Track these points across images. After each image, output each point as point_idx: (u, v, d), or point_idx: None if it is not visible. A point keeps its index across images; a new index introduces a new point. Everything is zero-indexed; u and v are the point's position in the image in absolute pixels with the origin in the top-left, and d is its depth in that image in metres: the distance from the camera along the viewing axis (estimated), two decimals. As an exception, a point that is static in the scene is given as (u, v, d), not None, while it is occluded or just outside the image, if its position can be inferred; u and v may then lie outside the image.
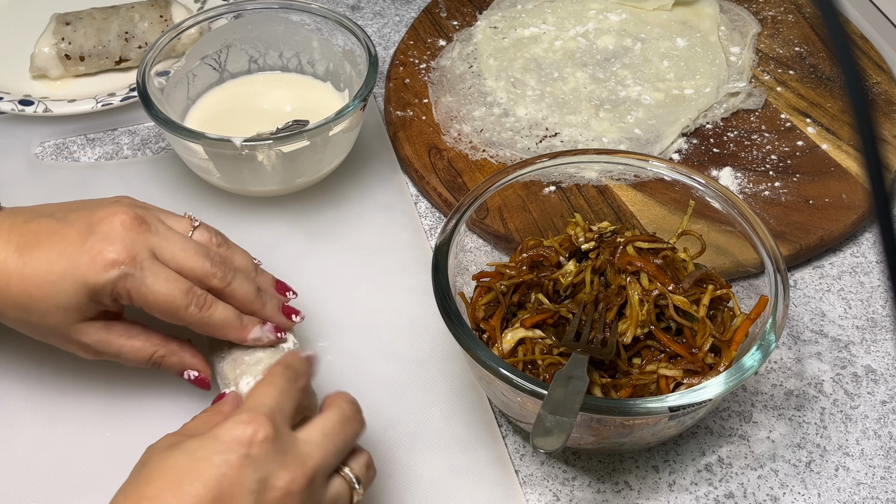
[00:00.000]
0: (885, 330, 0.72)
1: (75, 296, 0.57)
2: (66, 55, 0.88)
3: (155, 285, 0.57)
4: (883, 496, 0.63)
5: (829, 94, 0.88)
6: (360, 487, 0.53)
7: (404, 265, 0.76)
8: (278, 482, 0.48)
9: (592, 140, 0.83)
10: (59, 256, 0.57)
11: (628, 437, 0.60)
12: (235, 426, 0.49)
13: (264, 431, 0.49)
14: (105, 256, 0.57)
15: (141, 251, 0.58)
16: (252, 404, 0.51)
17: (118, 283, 0.57)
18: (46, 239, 0.58)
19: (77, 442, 0.65)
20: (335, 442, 0.52)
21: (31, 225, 0.59)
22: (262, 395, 0.52)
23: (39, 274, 0.57)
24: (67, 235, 0.58)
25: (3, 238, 0.58)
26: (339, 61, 0.84)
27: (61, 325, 0.58)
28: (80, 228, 0.58)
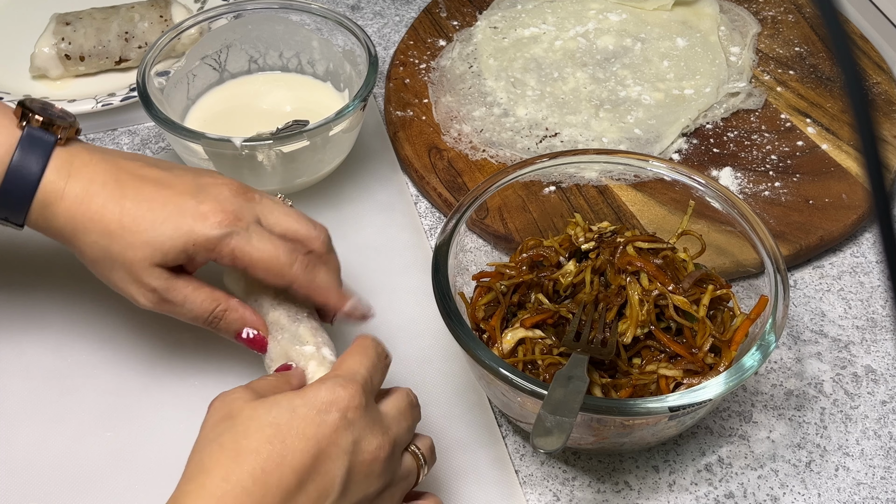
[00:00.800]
0: (885, 330, 0.72)
1: (171, 240, 0.57)
2: (66, 55, 0.88)
3: (260, 243, 0.59)
4: (883, 496, 0.63)
5: (829, 94, 0.88)
6: (426, 466, 0.56)
7: (404, 265, 0.76)
8: (369, 446, 0.51)
9: (592, 140, 0.83)
10: (166, 201, 0.58)
11: (628, 437, 0.60)
12: (334, 389, 0.51)
13: (358, 398, 0.51)
14: (216, 214, 0.58)
15: (248, 215, 0.59)
16: (347, 371, 0.53)
17: (224, 239, 0.58)
18: (152, 183, 0.59)
19: (77, 442, 0.65)
20: (408, 420, 0.55)
21: (132, 164, 0.60)
22: (356, 364, 0.54)
23: (141, 209, 0.57)
24: (174, 185, 0.59)
25: (98, 165, 0.59)
26: (339, 61, 0.84)
27: (139, 261, 0.58)
28: (187, 184, 0.59)
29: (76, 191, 0.58)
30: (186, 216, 0.58)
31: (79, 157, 0.59)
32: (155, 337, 0.70)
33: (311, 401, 0.50)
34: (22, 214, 0.59)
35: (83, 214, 0.58)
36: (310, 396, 0.50)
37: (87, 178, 0.58)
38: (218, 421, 0.51)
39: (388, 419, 0.53)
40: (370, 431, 0.51)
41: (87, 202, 0.58)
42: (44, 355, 0.69)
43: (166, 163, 0.62)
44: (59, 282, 0.74)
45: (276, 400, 0.50)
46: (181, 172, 0.61)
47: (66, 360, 0.69)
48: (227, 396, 0.52)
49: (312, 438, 0.49)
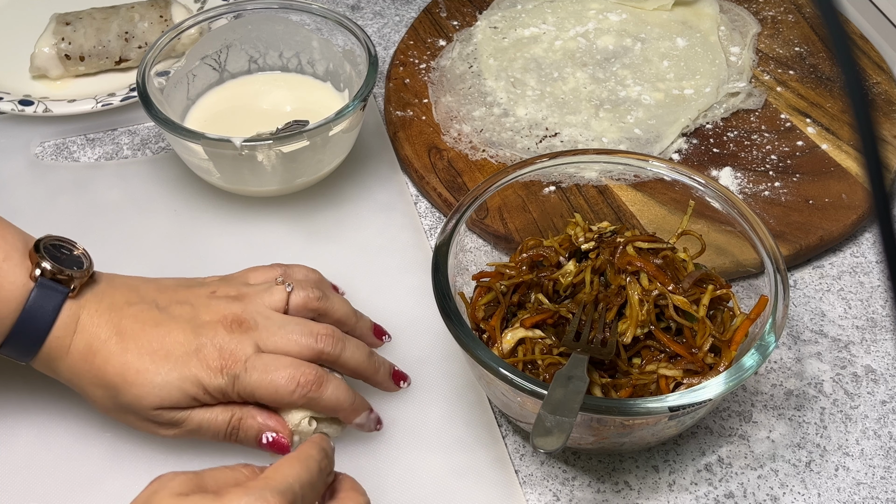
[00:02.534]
0: (885, 330, 0.72)
1: (178, 391, 0.58)
2: (66, 55, 0.88)
3: (261, 381, 0.59)
4: (883, 496, 0.63)
5: (829, 94, 0.88)
6: None
7: (404, 265, 0.76)
8: None
9: (592, 140, 0.83)
10: (167, 355, 0.58)
11: (628, 437, 0.60)
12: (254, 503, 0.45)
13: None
14: (214, 362, 0.58)
15: (246, 350, 0.59)
16: (278, 482, 0.47)
17: (224, 387, 0.59)
18: (152, 330, 0.59)
19: (77, 442, 0.65)
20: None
21: (133, 309, 0.60)
22: (291, 475, 0.48)
23: (143, 364, 0.58)
24: (172, 332, 0.59)
25: (103, 316, 0.59)
26: (339, 61, 0.84)
27: (149, 408, 0.59)
28: (185, 328, 0.59)
29: (80, 347, 0.58)
30: (189, 367, 0.58)
31: (86, 309, 0.59)
32: (155, 337, 0.70)
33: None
34: (27, 360, 0.59)
35: (88, 371, 0.58)
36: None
37: (91, 335, 0.58)
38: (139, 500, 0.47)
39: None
40: None
41: (91, 359, 0.58)
42: (44, 355, 0.69)
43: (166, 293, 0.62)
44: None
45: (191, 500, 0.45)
46: (180, 311, 0.60)
47: (66, 360, 0.69)
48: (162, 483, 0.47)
49: None
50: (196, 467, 0.49)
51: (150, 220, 0.79)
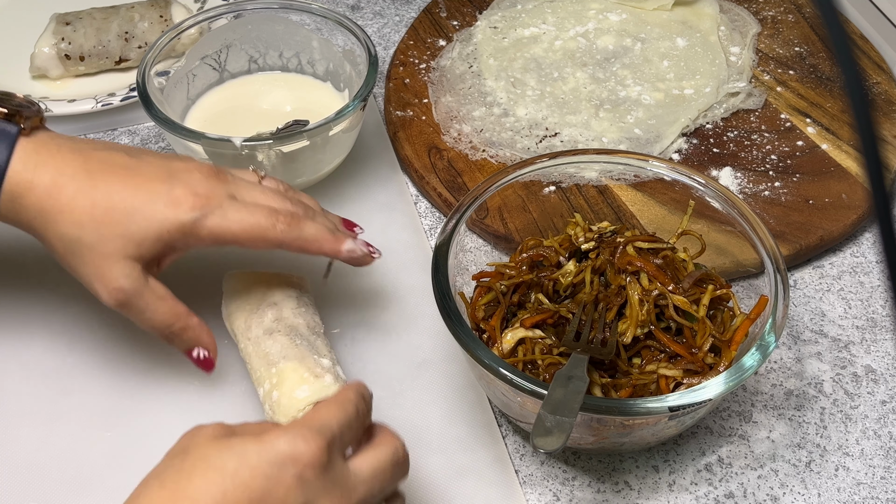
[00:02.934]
0: (885, 330, 0.72)
1: (144, 230, 0.56)
2: (66, 55, 0.88)
3: (237, 214, 0.58)
4: (883, 496, 0.63)
5: (829, 94, 0.88)
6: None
7: (404, 265, 0.76)
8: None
9: (592, 140, 0.83)
10: (136, 190, 0.57)
11: (628, 437, 0.60)
12: (295, 441, 0.46)
13: (320, 455, 0.47)
14: (187, 198, 0.57)
15: (220, 193, 0.58)
16: (317, 423, 0.48)
17: (199, 222, 0.57)
18: (122, 171, 0.57)
19: (77, 442, 0.65)
20: (382, 482, 0.51)
21: (102, 153, 0.59)
22: (328, 417, 0.49)
23: (112, 200, 0.56)
24: (144, 173, 0.58)
25: (67, 156, 0.57)
26: (339, 61, 0.84)
27: (111, 254, 0.56)
28: (158, 171, 0.58)
29: (45, 182, 0.56)
30: (158, 204, 0.57)
31: (46, 147, 0.57)
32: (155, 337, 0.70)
33: (266, 451, 0.46)
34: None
35: (52, 206, 0.56)
36: (267, 445, 0.46)
37: (56, 169, 0.56)
38: (174, 453, 0.47)
39: (356, 479, 0.49)
40: (326, 494, 0.47)
41: (57, 194, 0.56)
42: (44, 355, 0.69)
43: (136, 149, 0.61)
44: (59, 282, 0.74)
45: (232, 444, 0.46)
46: (151, 159, 0.59)
47: (65, 360, 0.69)
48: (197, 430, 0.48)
49: (257, 492, 0.45)
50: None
51: (150, 220, 0.79)
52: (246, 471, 0.45)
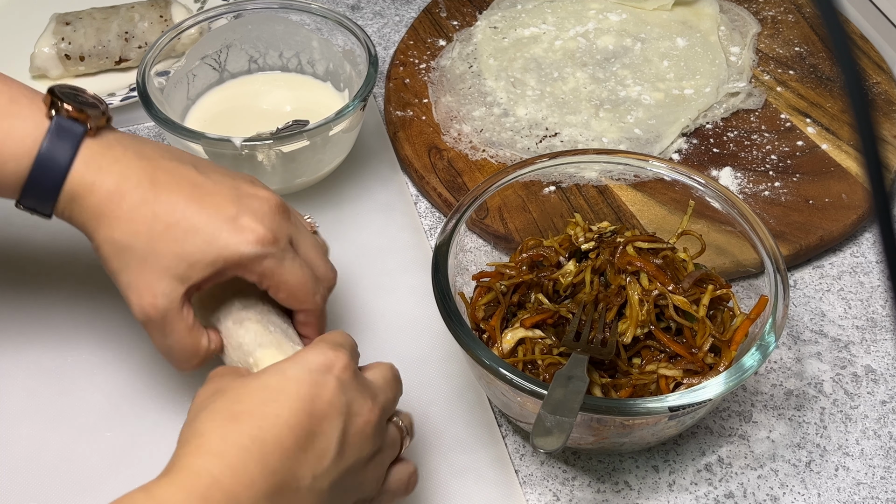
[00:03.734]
0: (885, 330, 0.72)
1: (202, 252, 0.54)
2: (66, 55, 0.88)
3: (294, 267, 0.57)
4: (883, 496, 0.63)
5: (829, 94, 0.88)
6: (408, 437, 0.56)
7: (404, 265, 0.76)
8: (362, 409, 0.50)
9: (592, 140, 0.83)
10: (201, 209, 0.55)
11: (628, 437, 0.60)
12: (325, 352, 0.51)
13: (348, 362, 0.51)
14: (256, 232, 0.55)
15: (284, 237, 0.57)
16: (332, 340, 0.53)
17: (258, 260, 0.56)
18: (188, 186, 0.56)
19: (77, 442, 0.65)
20: (393, 390, 0.55)
21: (169, 164, 0.56)
22: (339, 336, 0.54)
23: (175, 216, 0.54)
24: (212, 192, 0.56)
25: (132, 161, 0.56)
26: (339, 61, 0.84)
27: (159, 270, 0.55)
28: (227, 194, 0.56)
29: (107, 186, 0.54)
30: (222, 230, 0.55)
31: (111, 149, 0.56)
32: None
33: (303, 364, 0.50)
34: (49, 205, 0.55)
35: (112, 212, 0.54)
36: (301, 361, 0.50)
37: (120, 174, 0.55)
38: (209, 394, 0.50)
39: (375, 387, 0.53)
40: (361, 395, 0.51)
41: (118, 200, 0.54)
42: (44, 355, 0.69)
43: (204, 162, 0.59)
44: (59, 282, 0.74)
45: (265, 370, 0.51)
46: (219, 177, 0.57)
47: (66, 360, 0.69)
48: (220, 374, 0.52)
49: (306, 398, 0.48)
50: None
51: (150, 220, 0.79)
52: (289, 382, 0.49)
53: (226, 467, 0.45)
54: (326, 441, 0.48)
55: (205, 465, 0.45)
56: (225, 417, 0.47)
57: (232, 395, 0.49)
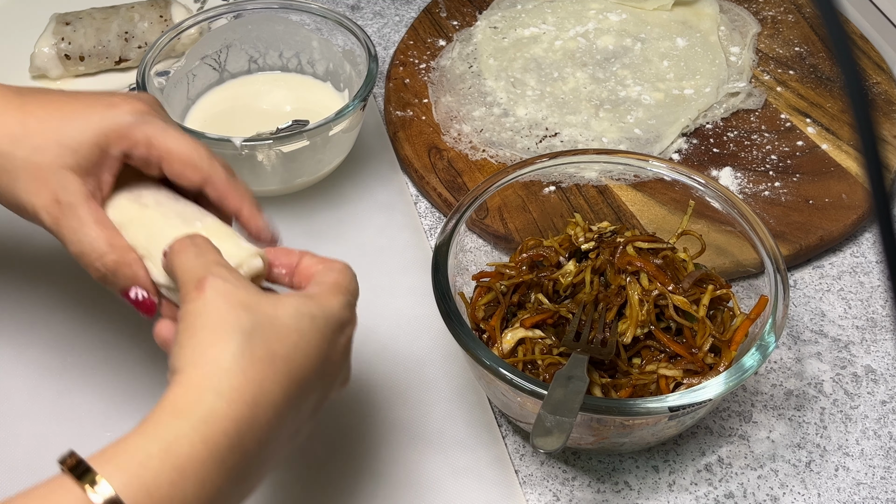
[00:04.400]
0: (885, 330, 0.72)
1: (82, 133, 0.52)
2: (66, 55, 0.88)
3: (177, 134, 0.54)
4: (883, 496, 0.63)
5: (829, 94, 0.88)
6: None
7: (404, 265, 0.76)
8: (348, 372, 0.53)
9: (592, 140, 0.83)
10: (73, 101, 0.54)
11: (628, 437, 0.60)
12: (347, 310, 0.51)
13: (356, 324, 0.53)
14: (131, 104, 0.54)
15: (163, 114, 0.56)
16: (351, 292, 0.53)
17: (138, 125, 0.53)
18: (55, 94, 0.55)
19: (77, 442, 0.65)
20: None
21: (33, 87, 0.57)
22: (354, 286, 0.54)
23: (47, 110, 0.53)
24: (80, 96, 0.55)
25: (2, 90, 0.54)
26: (339, 61, 0.84)
27: (48, 165, 0.52)
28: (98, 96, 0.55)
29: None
30: (97, 109, 0.53)
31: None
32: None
33: (329, 317, 0.49)
34: None
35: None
36: (327, 312, 0.49)
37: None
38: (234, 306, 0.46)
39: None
40: (348, 361, 0.53)
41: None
42: (44, 355, 0.69)
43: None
44: (59, 281, 0.74)
45: (296, 304, 0.48)
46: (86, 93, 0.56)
47: (66, 360, 0.69)
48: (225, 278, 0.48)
49: (324, 354, 0.49)
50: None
51: (150, 220, 0.79)
52: (316, 334, 0.48)
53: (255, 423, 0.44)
54: (320, 397, 0.50)
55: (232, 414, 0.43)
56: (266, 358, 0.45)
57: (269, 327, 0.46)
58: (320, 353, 0.48)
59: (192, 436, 0.43)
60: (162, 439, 0.43)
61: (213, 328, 0.46)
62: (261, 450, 0.45)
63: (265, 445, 0.45)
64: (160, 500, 0.41)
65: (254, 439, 0.44)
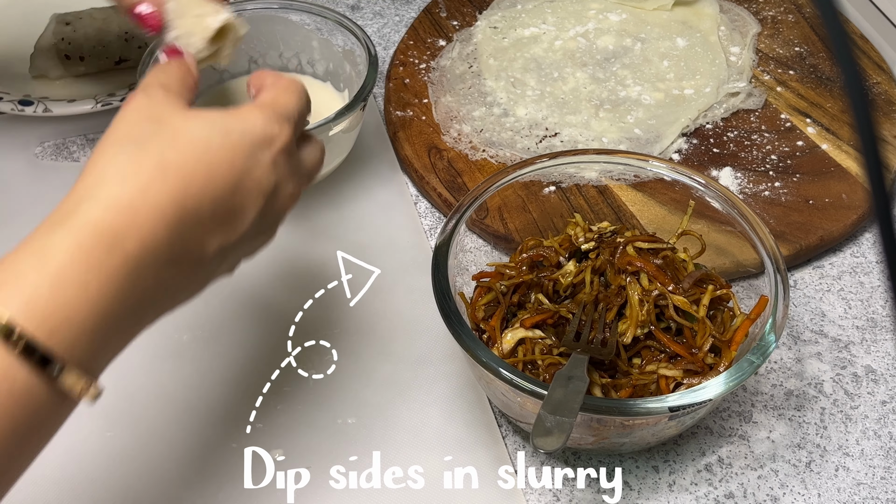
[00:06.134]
0: (885, 330, 0.72)
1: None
2: (66, 55, 0.88)
3: None
4: (883, 496, 0.63)
5: (829, 94, 0.88)
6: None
7: (404, 265, 0.76)
8: (285, 192, 0.50)
9: (592, 140, 0.83)
10: None
11: (628, 437, 0.60)
12: (271, 124, 0.49)
13: (289, 140, 0.50)
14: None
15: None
16: (282, 108, 0.50)
17: None
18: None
19: (78, 442, 0.65)
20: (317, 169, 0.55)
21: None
22: (291, 102, 0.51)
23: None
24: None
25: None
26: (339, 61, 0.84)
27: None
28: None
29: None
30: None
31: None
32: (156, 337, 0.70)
33: (247, 131, 0.47)
34: None
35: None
36: (247, 125, 0.48)
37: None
38: (142, 120, 0.46)
39: (304, 166, 0.52)
40: (290, 178, 0.50)
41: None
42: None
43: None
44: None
45: (210, 118, 0.47)
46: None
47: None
48: (150, 94, 0.48)
49: (239, 170, 0.46)
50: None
51: (150, 220, 0.79)
52: (228, 148, 0.46)
53: (133, 226, 0.42)
54: (243, 219, 0.47)
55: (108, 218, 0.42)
56: (155, 165, 0.44)
57: (168, 137, 0.45)
58: (233, 168, 0.46)
59: (66, 241, 0.42)
60: (37, 249, 0.42)
61: (114, 140, 0.46)
62: (151, 258, 0.43)
63: (157, 254, 0.43)
64: (44, 307, 0.41)
65: (138, 245, 0.43)
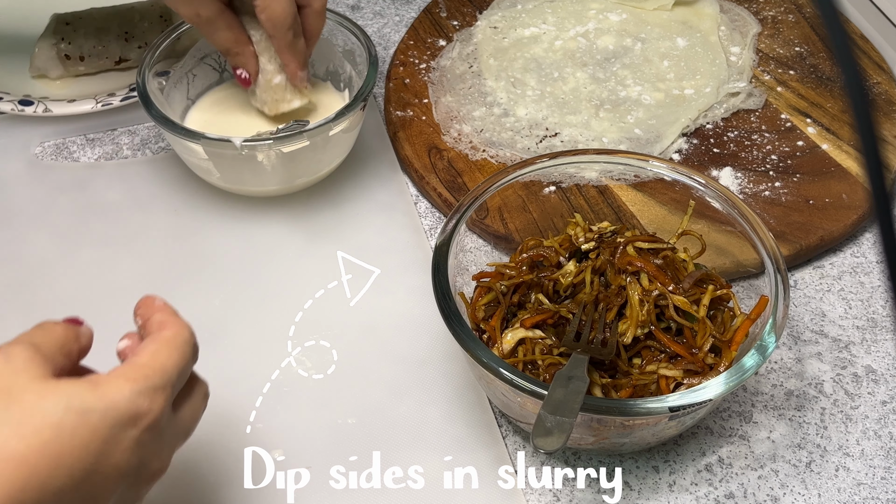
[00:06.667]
0: (885, 330, 0.72)
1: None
2: (66, 55, 0.88)
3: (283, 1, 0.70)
4: (883, 496, 0.62)
5: (829, 94, 0.88)
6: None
7: (404, 265, 0.76)
8: (150, 469, 0.45)
9: (592, 140, 0.83)
10: None
11: (628, 437, 0.60)
12: (138, 400, 0.43)
13: (160, 413, 0.44)
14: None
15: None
16: (157, 372, 0.45)
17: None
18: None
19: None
20: (196, 421, 0.50)
21: None
22: (170, 362, 0.46)
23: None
24: None
25: None
26: (339, 61, 0.84)
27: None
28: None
29: None
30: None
31: None
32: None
33: (109, 409, 0.42)
34: None
35: None
36: (110, 403, 0.43)
37: None
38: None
39: (180, 427, 0.48)
40: (158, 454, 0.46)
41: None
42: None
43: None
44: (59, 281, 0.74)
45: (69, 393, 0.42)
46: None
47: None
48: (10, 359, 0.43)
49: (94, 455, 0.42)
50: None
51: (150, 220, 0.79)
52: (84, 430, 0.41)
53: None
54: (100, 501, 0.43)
55: None
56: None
57: (16, 420, 0.41)
58: (86, 453, 0.41)
59: None
60: None
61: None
62: None
63: None
64: None
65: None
